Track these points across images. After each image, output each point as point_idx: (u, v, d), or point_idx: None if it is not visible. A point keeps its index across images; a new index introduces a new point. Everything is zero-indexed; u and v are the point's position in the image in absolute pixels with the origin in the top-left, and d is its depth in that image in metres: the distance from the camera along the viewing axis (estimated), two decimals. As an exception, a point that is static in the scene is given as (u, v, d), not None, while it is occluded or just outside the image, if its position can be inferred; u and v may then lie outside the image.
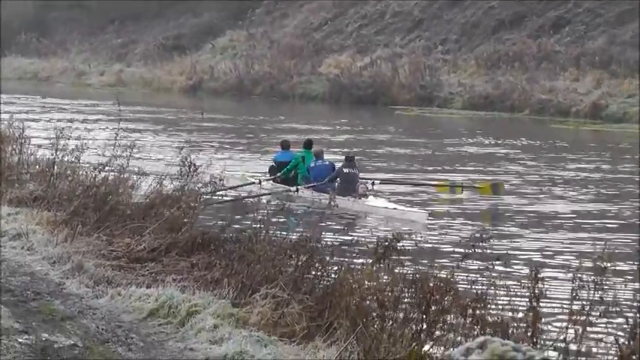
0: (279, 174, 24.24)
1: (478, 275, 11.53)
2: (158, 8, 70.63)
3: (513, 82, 49.42)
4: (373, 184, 23.89)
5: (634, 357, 8.68)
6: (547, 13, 52.61)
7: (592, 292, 9.32)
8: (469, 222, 20.68)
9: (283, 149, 25.27)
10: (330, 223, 18.96)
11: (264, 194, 21.63)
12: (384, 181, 24.96)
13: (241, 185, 23.60)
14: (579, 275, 9.39)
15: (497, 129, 42.15)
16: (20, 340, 10.53)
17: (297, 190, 22.77)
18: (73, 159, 18.30)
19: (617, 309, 9.81)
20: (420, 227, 18.74)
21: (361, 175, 24.05)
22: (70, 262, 14.08)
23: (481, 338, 6.69)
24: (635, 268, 15.32)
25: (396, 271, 11.20)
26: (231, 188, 21.92)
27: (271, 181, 24.23)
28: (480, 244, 11.05)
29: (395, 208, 21.27)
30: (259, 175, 25.17)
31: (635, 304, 10.38)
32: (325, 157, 24.31)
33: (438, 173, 27.73)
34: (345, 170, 22.69)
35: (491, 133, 39.64)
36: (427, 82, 52.55)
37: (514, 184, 26.94)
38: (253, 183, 23.90)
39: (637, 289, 13.03)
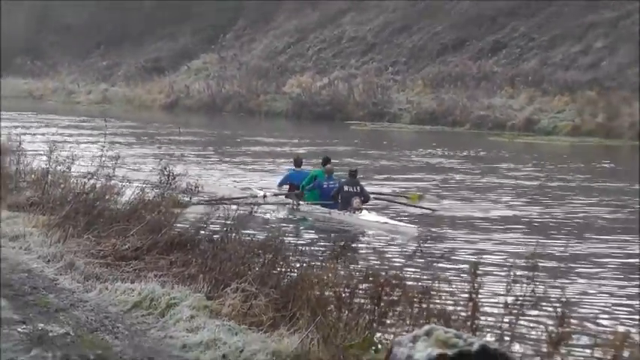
0: (295, 191, 24.43)
1: (424, 271, 12.79)
2: (139, 34, 75.95)
3: (455, 99, 54.04)
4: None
5: (562, 343, 9.31)
6: (486, 37, 58.09)
7: (525, 286, 10.02)
8: (417, 225, 21.31)
9: (295, 167, 25.51)
10: (322, 233, 20.65)
11: (263, 203, 22.70)
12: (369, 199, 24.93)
13: (245, 197, 23.89)
14: (513, 272, 10.10)
15: (441, 141, 44.25)
16: (19, 330, 11.32)
17: (299, 205, 23.52)
18: (64, 169, 19.20)
19: (547, 302, 10.52)
20: (411, 239, 18.92)
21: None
22: (62, 260, 14.96)
23: (427, 326, 7.36)
24: (562, 265, 16.48)
25: (352, 267, 12.16)
26: (235, 199, 22.34)
27: (276, 195, 24.75)
28: (425, 244, 12.23)
29: (386, 222, 21.75)
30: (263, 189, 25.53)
31: (562, 296, 11.33)
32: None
33: (392, 182, 29.05)
34: (345, 189, 23.39)
35: (436, 145, 42.26)
36: (379, 99, 57.58)
37: (452, 190, 28.20)
38: (257, 196, 24.21)
39: (565, 283, 14.13)
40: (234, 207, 15.49)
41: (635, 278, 17.47)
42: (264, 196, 24.39)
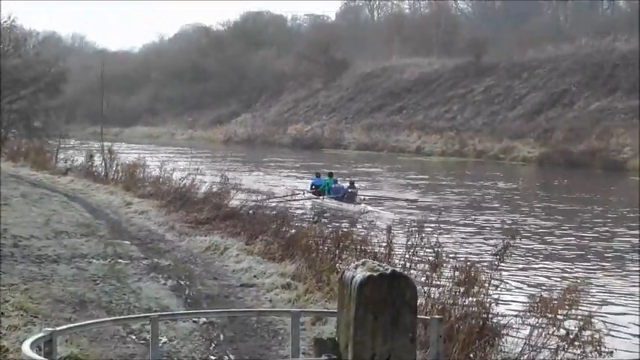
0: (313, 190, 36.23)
1: (364, 230, 18.77)
2: (209, 102, 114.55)
3: (379, 137, 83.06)
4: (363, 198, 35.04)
5: (437, 268, 12.67)
6: (395, 104, 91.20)
7: (419, 238, 13.87)
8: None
9: (317, 177, 37.30)
10: (337, 218, 29.50)
11: (302, 198, 35.08)
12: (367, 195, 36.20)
13: (294, 194, 36.07)
14: (412, 229, 14.36)
15: (371, 159, 67.72)
16: (144, 262, 16.16)
17: (323, 199, 34.04)
18: (169, 175, 26.34)
19: (431, 248, 14.46)
20: (390, 222, 21.52)
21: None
22: (167, 225, 20.98)
23: (363, 260, 7.90)
24: (435, 226, 22.02)
25: (325, 228, 17.98)
26: (288, 196, 34.52)
27: (311, 194, 35.83)
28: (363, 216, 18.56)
29: (378, 211, 31.31)
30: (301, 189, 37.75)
31: (437, 243, 16.52)
32: (326, 177, 36.92)
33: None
34: (350, 190, 34.68)
35: (368, 162, 65.05)
36: (338, 137, 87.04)
37: (380, 182, 45.30)
38: (298, 194, 36.42)
39: (437, 235, 19.39)
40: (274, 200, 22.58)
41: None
42: (304, 193, 36.28)
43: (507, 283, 16.60)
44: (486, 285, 12.30)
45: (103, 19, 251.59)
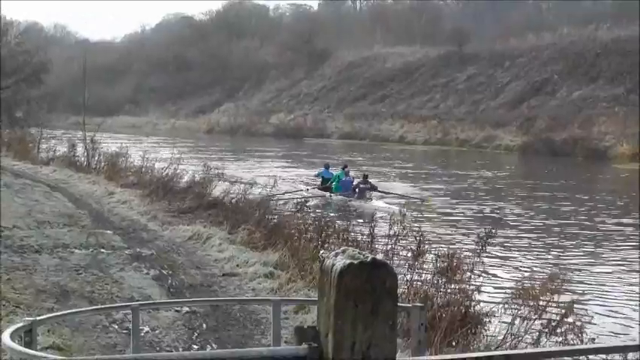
0: (322, 185, 33.17)
1: (346, 222, 18.69)
2: (191, 91, 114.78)
3: (362, 126, 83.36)
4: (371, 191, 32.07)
5: (419, 257, 13.12)
6: (378, 93, 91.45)
7: (400, 228, 14.36)
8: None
9: (326, 168, 34.18)
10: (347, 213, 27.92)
11: (309, 195, 30.55)
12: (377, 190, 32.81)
13: (295, 191, 32.08)
14: (392, 219, 14.90)
15: (355, 149, 68.03)
16: (126, 252, 16.37)
17: (331, 196, 31.51)
18: (151, 164, 26.33)
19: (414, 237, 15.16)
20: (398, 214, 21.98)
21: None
22: (150, 214, 21.07)
23: (343, 248, 9.30)
24: (420, 214, 23.15)
25: (307, 217, 18.03)
26: (288, 192, 30.60)
27: (316, 189, 32.81)
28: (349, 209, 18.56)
29: (391, 207, 26.97)
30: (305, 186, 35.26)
31: (420, 232, 17.27)
32: (339, 170, 33.74)
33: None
34: (361, 186, 31.69)
35: (352, 150, 65.22)
36: (320, 126, 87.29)
37: (363, 168, 43.29)
38: (302, 190, 32.45)
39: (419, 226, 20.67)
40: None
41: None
42: (307, 190, 32.59)
43: (490, 271, 16.76)
44: (469, 273, 12.47)
45: (85, 10, 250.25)
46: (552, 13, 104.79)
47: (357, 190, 31.75)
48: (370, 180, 32.76)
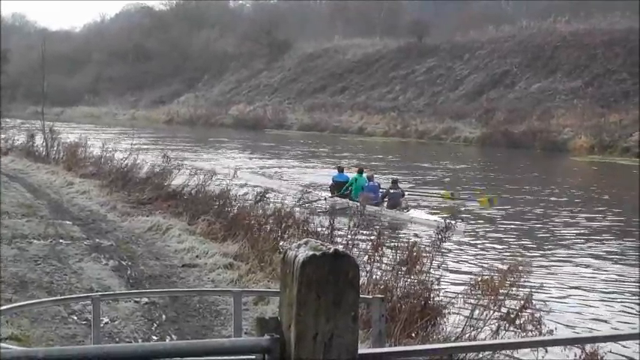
0: (339, 192, 28.19)
1: (305, 211, 18.81)
2: (151, 82, 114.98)
3: (322, 117, 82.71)
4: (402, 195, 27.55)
5: (378, 248, 12.96)
6: (337, 84, 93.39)
7: (360, 220, 14.87)
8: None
9: (339, 172, 29.69)
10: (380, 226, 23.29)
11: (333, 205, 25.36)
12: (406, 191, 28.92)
13: (314, 200, 26.85)
14: (352, 212, 15.57)
15: (314, 140, 68.11)
16: (85, 243, 16.37)
17: (355, 205, 24.41)
18: (110, 154, 26.10)
19: (371, 228, 16.28)
20: (457, 234, 19.54)
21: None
22: (109, 205, 20.94)
23: (305, 239, 9.96)
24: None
25: (267, 207, 17.93)
26: (306, 202, 23.34)
27: (335, 197, 27.66)
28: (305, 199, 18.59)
29: (435, 220, 22.36)
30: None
31: (379, 223, 17.41)
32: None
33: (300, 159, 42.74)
34: (392, 191, 26.92)
35: (311, 143, 64.73)
36: (280, 118, 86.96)
37: (322, 163, 44.66)
38: (320, 199, 27.59)
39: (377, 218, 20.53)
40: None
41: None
42: (325, 199, 27.73)
43: (449, 263, 16.73)
44: (428, 265, 12.43)
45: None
46: (511, 6, 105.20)
47: (386, 197, 27.33)
48: (400, 185, 28.59)
